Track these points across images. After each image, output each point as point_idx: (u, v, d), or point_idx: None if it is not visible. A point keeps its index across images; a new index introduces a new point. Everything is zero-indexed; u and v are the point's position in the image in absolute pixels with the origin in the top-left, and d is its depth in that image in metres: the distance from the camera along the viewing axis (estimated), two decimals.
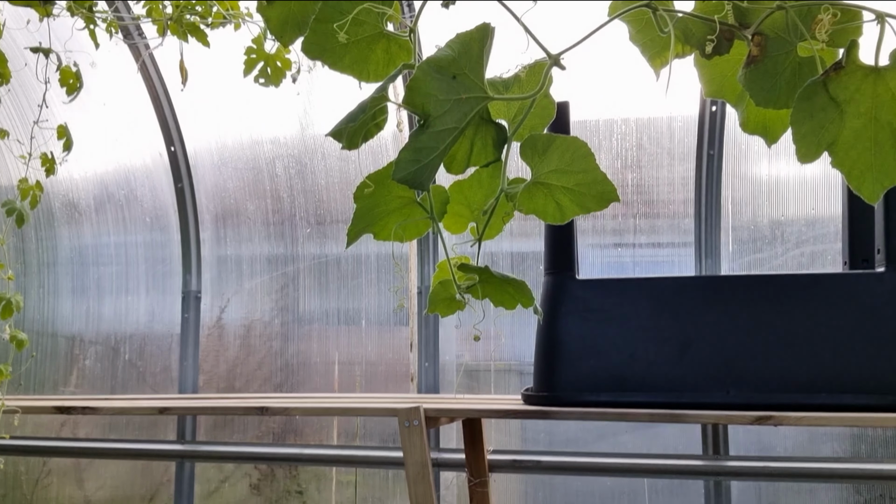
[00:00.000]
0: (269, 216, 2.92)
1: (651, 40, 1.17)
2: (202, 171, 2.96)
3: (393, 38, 1.13)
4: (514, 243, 2.64)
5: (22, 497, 3.01)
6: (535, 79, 1.12)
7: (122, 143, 3.01)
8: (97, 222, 3.10)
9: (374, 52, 1.14)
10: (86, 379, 3.06)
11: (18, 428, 2.51)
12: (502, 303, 1.33)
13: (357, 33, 1.10)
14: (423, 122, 1.02)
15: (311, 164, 2.84)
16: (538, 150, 1.17)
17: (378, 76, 1.16)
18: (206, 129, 2.93)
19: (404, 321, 2.73)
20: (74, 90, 1.95)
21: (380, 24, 1.11)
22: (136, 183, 3.06)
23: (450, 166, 1.18)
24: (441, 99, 1.00)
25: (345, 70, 1.16)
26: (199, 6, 1.78)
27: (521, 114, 1.16)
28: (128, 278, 3.07)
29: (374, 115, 1.09)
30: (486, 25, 0.99)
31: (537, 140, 1.17)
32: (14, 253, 3.07)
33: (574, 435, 2.52)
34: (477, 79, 1.01)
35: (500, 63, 1.11)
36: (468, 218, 1.30)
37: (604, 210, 1.16)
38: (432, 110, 1.01)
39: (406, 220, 1.26)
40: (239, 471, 2.88)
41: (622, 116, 2.47)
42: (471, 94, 1.01)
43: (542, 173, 1.20)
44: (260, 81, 1.68)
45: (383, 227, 1.27)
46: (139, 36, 2.47)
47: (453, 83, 1.00)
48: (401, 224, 1.26)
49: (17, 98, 2.79)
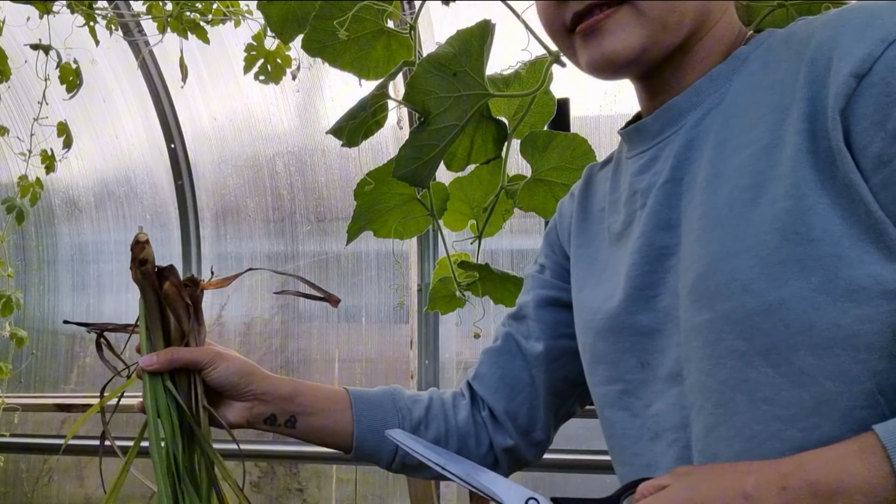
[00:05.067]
0: (270, 213, 2.92)
1: None
2: (202, 168, 2.96)
3: (393, 35, 1.13)
4: (514, 241, 2.63)
5: (22, 495, 3.02)
6: (536, 76, 1.12)
7: (122, 140, 3.01)
8: (97, 219, 3.10)
9: (374, 49, 1.14)
10: (86, 376, 3.06)
11: (19, 425, 2.51)
12: (502, 300, 1.33)
13: (357, 30, 1.10)
14: (423, 120, 1.02)
15: (311, 162, 2.84)
16: (538, 148, 1.17)
17: (378, 73, 1.16)
18: (205, 125, 2.93)
19: (404, 318, 2.73)
20: (74, 87, 1.95)
21: (380, 22, 1.11)
22: (136, 180, 3.06)
23: (450, 163, 1.18)
24: (441, 96, 1.01)
25: (345, 67, 1.16)
26: (199, 3, 1.78)
27: (521, 111, 1.16)
28: (128, 275, 3.06)
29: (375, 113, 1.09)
30: (487, 22, 0.99)
31: (537, 137, 1.17)
32: (14, 250, 3.07)
33: (574, 432, 2.52)
34: (477, 76, 1.01)
35: (500, 60, 1.11)
36: (468, 215, 1.30)
37: None
38: (433, 107, 1.01)
39: (406, 217, 1.26)
40: (239, 468, 2.88)
41: (622, 113, 2.47)
42: (471, 91, 1.01)
43: (543, 170, 1.20)
44: (260, 78, 1.68)
45: (383, 224, 1.27)
46: (139, 33, 2.47)
47: (454, 80, 1.00)
48: (401, 221, 1.26)
49: (17, 95, 2.79)
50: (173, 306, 0.79)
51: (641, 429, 0.70)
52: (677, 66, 0.68)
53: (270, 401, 0.82)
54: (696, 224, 0.63)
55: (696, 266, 0.62)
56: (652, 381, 0.68)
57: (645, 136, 0.71)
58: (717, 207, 0.62)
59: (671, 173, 0.67)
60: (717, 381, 0.61)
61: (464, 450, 0.87)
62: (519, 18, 1.04)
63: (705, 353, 0.61)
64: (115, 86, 2.87)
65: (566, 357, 0.85)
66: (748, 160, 0.61)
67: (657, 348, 0.68)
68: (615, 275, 0.73)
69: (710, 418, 0.62)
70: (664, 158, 0.69)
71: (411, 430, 0.86)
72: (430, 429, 0.87)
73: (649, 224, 0.68)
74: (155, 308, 0.79)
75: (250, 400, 0.82)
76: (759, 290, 0.57)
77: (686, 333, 0.64)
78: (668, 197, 0.67)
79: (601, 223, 0.79)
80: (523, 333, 0.87)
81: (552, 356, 0.85)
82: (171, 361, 0.78)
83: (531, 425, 0.87)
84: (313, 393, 0.85)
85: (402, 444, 0.73)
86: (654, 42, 0.65)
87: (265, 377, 0.82)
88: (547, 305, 0.87)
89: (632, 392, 0.70)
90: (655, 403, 0.68)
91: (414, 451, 0.71)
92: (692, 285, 0.62)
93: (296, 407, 0.83)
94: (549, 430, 0.89)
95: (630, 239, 0.71)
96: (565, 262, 0.86)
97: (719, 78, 0.66)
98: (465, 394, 0.91)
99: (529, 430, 0.87)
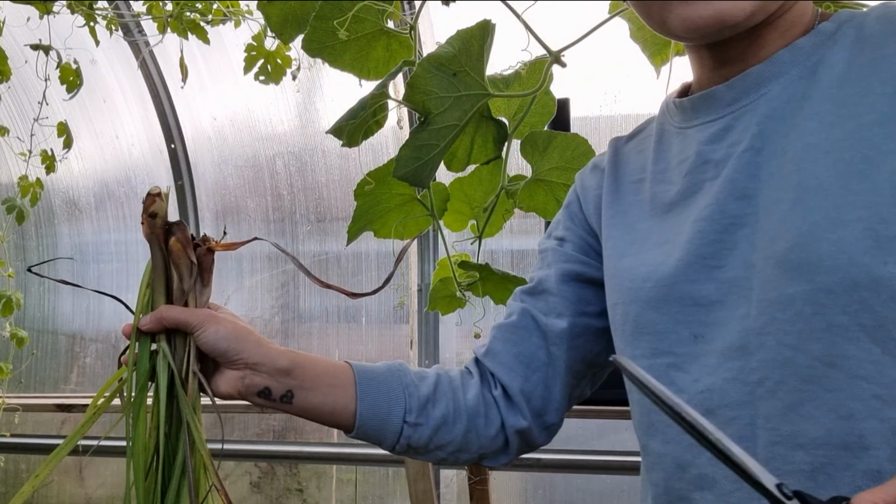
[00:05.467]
0: (270, 213, 2.92)
1: (651, 38, 1.17)
2: (202, 168, 2.96)
3: (393, 36, 1.13)
4: (514, 241, 2.63)
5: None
6: (536, 76, 1.11)
7: (122, 140, 3.01)
8: (97, 219, 3.10)
9: (374, 49, 1.14)
10: (86, 377, 3.06)
11: (19, 426, 2.51)
12: (503, 300, 1.33)
13: (357, 30, 1.10)
14: (423, 120, 1.02)
15: (311, 162, 2.84)
16: (539, 148, 1.17)
17: (378, 73, 1.16)
18: (206, 126, 2.93)
19: (405, 319, 2.73)
20: (74, 87, 1.95)
21: (380, 22, 1.11)
22: (136, 180, 3.05)
23: (450, 164, 1.18)
24: (441, 96, 1.00)
25: (345, 67, 1.15)
26: (199, 3, 1.78)
27: (521, 111, 1.16)
28: (128, 276, 3.07)
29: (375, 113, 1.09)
30: (487, 22, 0.98)
31: (538, 137, 1.17)
32: (14, 250, 3.07)
33: (574, 432, 2.52)
34: (477, 76, 1.01)
35: (500, 60, 1.11)
36: (468, 215, 1.30)
37: None
38: (433, 107, 1.01)
39: (406, 217, 1.26)
40: (239, 468, 2.88)
41: (623, 113, 2.47)
42: (471, 91, 1.01)
43: (543, 170, 1.20)
44: (260, 79, 1.68)
45: (384, 224, 1.27)
46: (139, 33, 2.47)
47: (454, 80, 0.99)
48: (401, 221, 1.26)
49: (17, 95, 2.79)
50: (177, 264, 0.75)
51: (689, 404, 0.67)
52: (758, 36, 0.67)
53: (265, 372, 0.76)
54: (790, 194, 0.61)
55: (788, 236, 0.60)
56: (704, 355, 0.65)
57: (716, 105, 0.70)
58: (819, 177, 0.60)
59: (751, 142, 0.65)
60: (809, 356, 0.58)
61: (472, 430, 0.83)
62: (519, 18, 1.04)
63: (795, 326, 0.59)
64: (116, 86, 2.87)
65: (587, 335, 0.82)
66: (855, 131, 0.60)
67: (715, 320, 0.65)
68: (665, 243, 0.71)
69: (792, 395, 0.59)
70: (741, 128, 0.67)
71: (418, 409, 0.81)
72: (438, 407, 0.82)
73: (723, 192, 0.66)
74: (160, 265, 0.75)
75: (241, 369, 0.75)
76: (868, 264, 0.56)
77: (766, 305, 0.61)
78: (747, 166, 0.65)
79: (637, 194, 0.77)
80: (542, 309, 0.83)
81: (575, 333, 0.82)
82: (160, 320, 0.74)
83: (544, 407, 0.84)
84: (313, 366, 0.79)
85: (638, 374, 0.50)
86: (762, 7, 0.64)
87: (259, 345, 0.76)
88: (570, 280, 0.83)
89: (679, 366, 0.67)
90: (706, 378, 0.65)
91: (662, 391, 0.50)
92: (783, 255, 0.60)
93: (293, 381, 0.77)
94: (561, 413, 0.85)
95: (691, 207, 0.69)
96: (588, 235, 0.84)
97: (802, 50, 0.66)
98: (472, 371, 0.87)
99: (542, 412, 0.84)
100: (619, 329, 0.75)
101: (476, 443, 0.84)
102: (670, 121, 0.77)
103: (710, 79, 0.71)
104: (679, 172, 0.72)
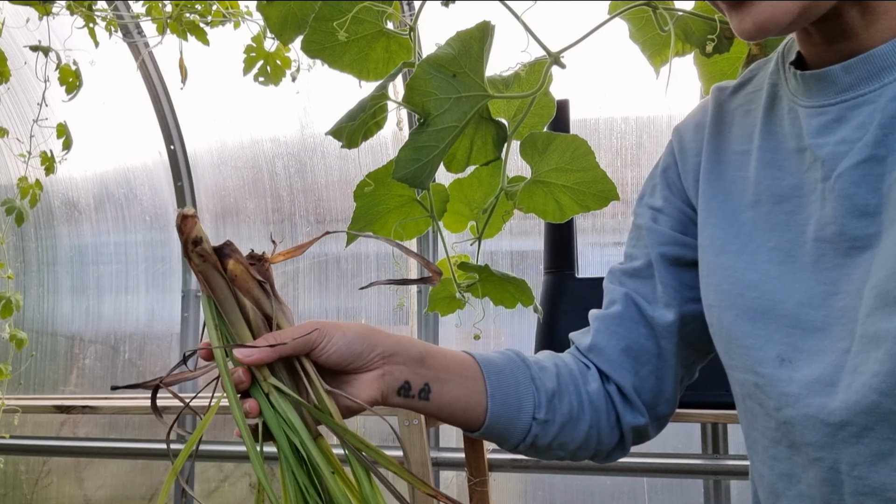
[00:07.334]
0: (269, 215, 2.92)
1: (651, 38, 1.17)
2: (202, 169, 2.96)
3: (393, 37, 1.13)
4: (513, 242, 2.63)
5: (22, 496, 3.01)
6: (535, 77, 1.11)
7: (122, 141, 3.01)
8: (97, 221, 3.10)
9: (373, 50, 1.14)
10: (85, 378, 3.06)
11: (18, 427, 2.51)
12: (502, 301, 1.33)
13: (357, 32, 1.10)
14: (423, 121, 1.02)
15: (310, 163, 2.84)
16: (538, 149, 1.17)
17: (378, 74, 1.16)
18: (205, 127, 2.93)
19: (404, 320, 2.73)
20: (74, 89, 1.95)
21: (380, 23, 1.11)
22: (135, 182, 3.05)
23: (450, 165, 1.18)
24: (441, 97, 1.00)
25: (344, 68, 1.15)
26: (198, 5, 1.78)
27: (521, 112, 1.16)
28: (128, 277, 3.07)
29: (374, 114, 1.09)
30: (486, 23, 0.98)
31: (537, 138, 1.17)
32: (13, 252, 3.07)
33: None
34: (477, 77, 1.01)
35: (500, 61, 1.11)
36: (468, 216, 1.30)
37: (603, 208, 1.16)
38: (432, 109, 1.01)
39: (406, 218, 1.26)
40: (239, 470, 2.88)
41: (622, 115, 2.47)
42: (471, 92, 1.01)
43: (542, 172, 1.20)
44: (259, 80, 1.68)
45: (383, 225, 1.27)
46: (139, 34, 2.47)
47: (453, 81, 0.99)
48: (401, 222, 1.26)
49: (16, 97, 2.79)
50: (245, 288, 0.66)
51: (777, 431, 0.61)
52: (864, 6, 0.55)
53: (402, 363, 0.67)
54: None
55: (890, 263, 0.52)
56: (785, 383, 0.59)
57: (829, 88, 0.58)
58: None
59: (873, 150, 0.55)
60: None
61: (594, 426, 0.75)
62: (518, 19, 1.04)
63: (884, 367, 0.51)
64: (115, 87, 2.87)
65: (695, 323, 0.74)
66: None
67: (810, 348, 0.58)
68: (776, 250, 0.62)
69: (881, 443, 0.53)
70: (856, 125, 0.56)
71: (546, 404, 0.72)
72: (564, 401, 0.73)
73: (841, 209, 0.56)
74: (228, 294, 0.65)
75: (379, 366, 0.66)
76: None
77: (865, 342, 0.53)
78: (867, 177, 0.55)
79: (741, 170, 0.67)
80: (647, 297, 0.75)
81: (683, 322, 0.74)
82: (275, 350, 0.62)
83: (656, 399, 0.77)
84: (443, 356, 0.71)
85: None
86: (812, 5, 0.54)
87: (389, 335, 0.68)
88: (671, 265, 0.74)
89: (762, 388, 0.61)
90: (786, 410, 0.59)
91: None
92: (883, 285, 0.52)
93: (428, 371, 0.69)
94: (673, 405, 0.78)
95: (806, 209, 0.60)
96: (687, 208, 0.74)
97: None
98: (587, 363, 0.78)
99: (654, 405, 0.77)
100: (716, 334, 0.68)
101: (595, 438, 0.77)
102: (784, 86, 0.65)
103: (820, 55, 0.60)
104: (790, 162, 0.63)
